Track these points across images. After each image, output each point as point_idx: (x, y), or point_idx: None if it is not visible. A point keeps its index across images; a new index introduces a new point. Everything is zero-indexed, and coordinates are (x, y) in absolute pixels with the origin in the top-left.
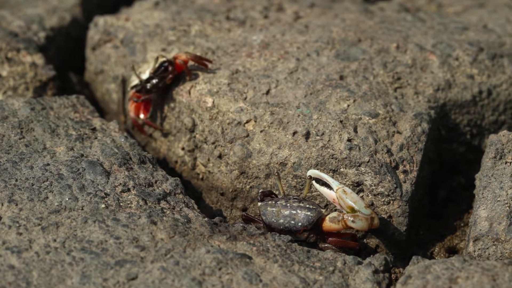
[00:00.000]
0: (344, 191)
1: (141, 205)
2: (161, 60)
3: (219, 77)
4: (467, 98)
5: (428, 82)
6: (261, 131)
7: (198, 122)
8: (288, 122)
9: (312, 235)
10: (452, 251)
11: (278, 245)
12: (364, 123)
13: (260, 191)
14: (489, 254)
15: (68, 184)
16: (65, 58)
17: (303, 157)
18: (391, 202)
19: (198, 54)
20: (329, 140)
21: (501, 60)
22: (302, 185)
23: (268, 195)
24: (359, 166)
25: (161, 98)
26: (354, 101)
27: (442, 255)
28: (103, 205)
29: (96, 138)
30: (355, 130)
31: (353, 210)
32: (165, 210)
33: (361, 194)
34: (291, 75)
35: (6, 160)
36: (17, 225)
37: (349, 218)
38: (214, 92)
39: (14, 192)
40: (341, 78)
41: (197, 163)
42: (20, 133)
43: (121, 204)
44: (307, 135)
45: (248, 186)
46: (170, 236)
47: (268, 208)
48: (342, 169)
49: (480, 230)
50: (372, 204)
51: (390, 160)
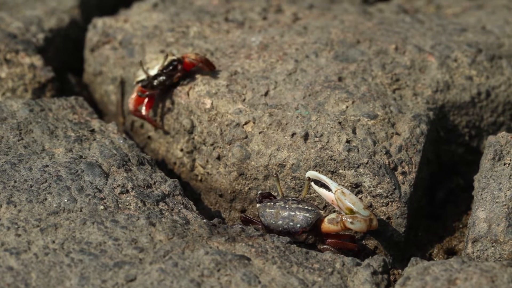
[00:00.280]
0: (343, 193)
1: (140, 207)
2: (171, 58)
3: (218, 79)
4: (466, 100)
5: (427, 84)
6: (260, 133)
7: (197, 124)
8: (287, 124)
9: (311, 237)
10: (451, 253)
11: (277, 247)
12: (363, 125)
13: (259, 193)
14: (488, 256)
15: (67, 186)
16: (64, 60)
17: (302, 159)
18: (390, 204)
19: (206, 57)
20: (328, 142)
21: (500, 62)
22: (301, 187)
23: (267, 197)
24: (358, 168)
25: (160, 99)
26: (353, 103)
27: (441, 257)
28: (102, 207)
29: (95, 140)
30: (354, 132)
31: (352, 212)
32: (164, 212)
33: (360, 196)
34: (290, 77)
35: (5, 162)
36: (16, 227)
37: (348, 220)
38: (213, 94)
39: (13, 194)
40: (340, 80)
41: (196, 165)
42: (19, 135)
43: (120, 206)
44: (306, 137)
45: (247, 188)
46: (169, 238)
47: (267, 210)
48: (341, 171)
49: (479, 232)
50: (371, 206)
51: (389, 162)
